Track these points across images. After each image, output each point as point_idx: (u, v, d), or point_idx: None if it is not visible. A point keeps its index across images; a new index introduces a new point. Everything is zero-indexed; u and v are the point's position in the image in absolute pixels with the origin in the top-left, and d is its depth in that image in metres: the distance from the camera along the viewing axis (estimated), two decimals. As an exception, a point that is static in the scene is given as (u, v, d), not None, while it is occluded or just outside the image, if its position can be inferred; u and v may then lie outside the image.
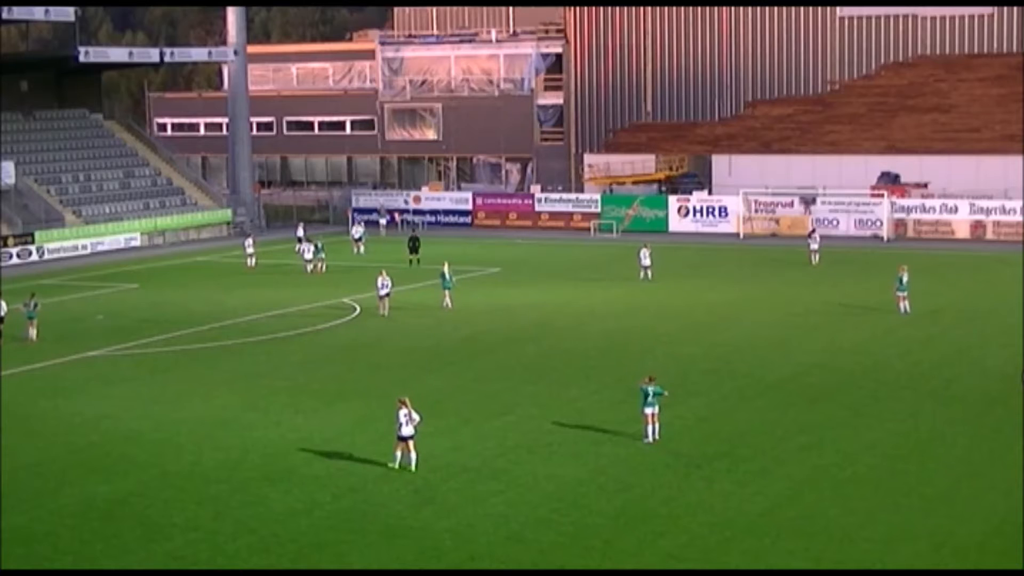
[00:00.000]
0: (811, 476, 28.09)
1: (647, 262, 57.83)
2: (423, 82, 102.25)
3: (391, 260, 62.01)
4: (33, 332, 45.46)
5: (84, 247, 73.90)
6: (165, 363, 41.60)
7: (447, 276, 51.74)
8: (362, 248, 69.58)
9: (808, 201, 75.54)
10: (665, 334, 45.09)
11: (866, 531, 24.54)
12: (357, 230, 71.63)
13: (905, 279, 48.04)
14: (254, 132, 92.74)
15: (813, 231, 65.97)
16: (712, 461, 29.23)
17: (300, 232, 70.40)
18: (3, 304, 45.40)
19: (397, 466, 28.82)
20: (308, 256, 62.82)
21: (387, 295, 49.70)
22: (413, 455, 28.84)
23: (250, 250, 65.08)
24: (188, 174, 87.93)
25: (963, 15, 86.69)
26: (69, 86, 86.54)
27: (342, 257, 66.52)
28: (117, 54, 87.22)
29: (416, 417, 28.95)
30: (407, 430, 28.84)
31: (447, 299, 51.22)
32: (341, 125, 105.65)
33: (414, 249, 63.33)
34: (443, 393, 36.42)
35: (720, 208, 77.88)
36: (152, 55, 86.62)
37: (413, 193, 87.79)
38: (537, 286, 57.10)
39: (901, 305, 47.75)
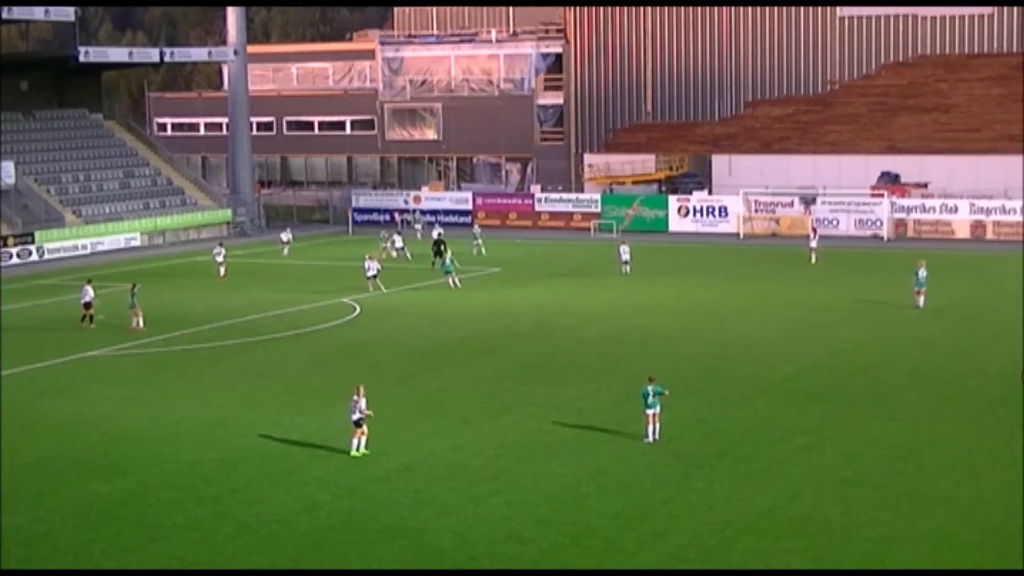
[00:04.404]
0: (811, 476, 28.09)
1: (626, 257, 59.16)
2: (423, 82, 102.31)
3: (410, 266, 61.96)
4: (135, 320, 47.00)
5: (84, 247, 73.91)
6: (165, 363, 41.60)
7: (447, 263, 56.90)
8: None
9: (808, 201, 75.56)
10: (665, 334, 45.08)
11: (866, 531, 24.53)
12: (399, 239, 69.12)
13: (922, 274, 48.76)
14: (254, 132, 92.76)
15: (814, 229, 66.10)
16: (712, 461, 29.23)
17: (286, 237, 70.26)
18: (90, 289, 48.04)
19: (358, 453, 29.84)
20: (399, 244, 67.16)
21: (374, 276, 55.15)
22: (357, 441, 29.99)
23: (220, 259, 61.38)
24: (188, 174, 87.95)
25: (963, 15, 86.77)
26: (69, 86, 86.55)
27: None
28: (117, 54, 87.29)
29: (363, 406, 29.95)
30: (355, 416, 29.96)
31: (450, 281, 55.78)
32: (341, 125, 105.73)
33: (438, 252, 62.53)
34: (443, 393, 36.43)
35: (720, 208, 77.89)
36: (152, 55, 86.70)
37: (413, 193, 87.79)
38: (537, 286, 57.10)
39: (918, 300, 48.56)
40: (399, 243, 67.17)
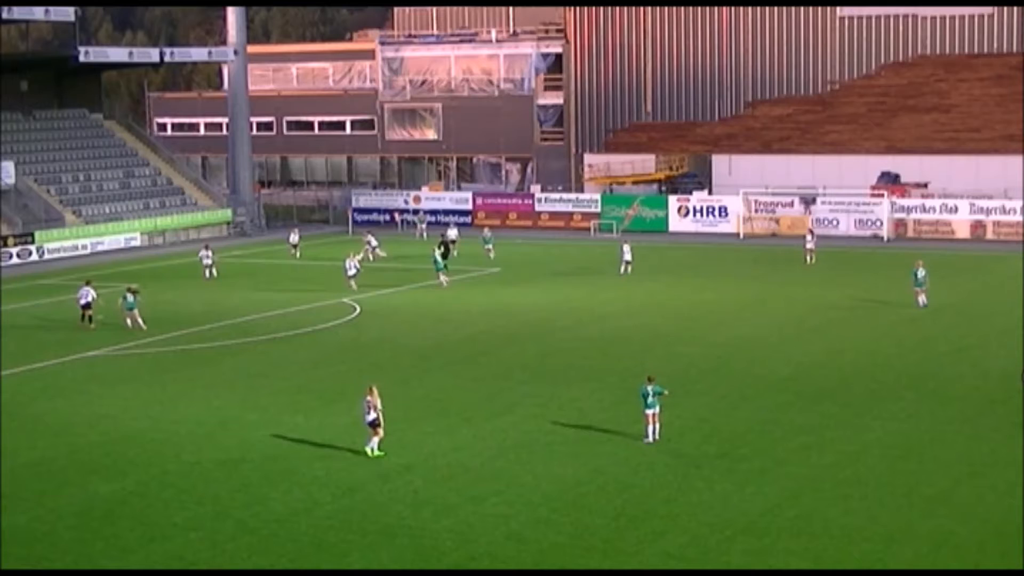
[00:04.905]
0: (811, 476, 28.09)
1: (628, 257, 59.32)
2: (423, 82, 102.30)
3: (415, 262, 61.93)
4: (131, 322, 46.99)
5: (84, 247, 73.92)
6: (165, 363, 41.60)
7: (438, 260, 56.96)
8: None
9: (808, 201, 75.54)
10: (665, 334, 45.08)
11: (866, 531, 24.54)
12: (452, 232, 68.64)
13: (921, 274, 49.04)
14: (254, 132, 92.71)
15: (811, 231, 66.06)
16: (712, 461, 29.23)
17: (294, 238, 69.90)
18: (91, 290, 48.18)
19: (374, 454, 29.76)
20: (374, 243, 66.34)
21: (353, 275, 55.61)
22: (374, 441, 29.94)
23: (207, 261, 60.96)
24: (188, 174, 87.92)
25: (963, 15, 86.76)
26: (69, 86, 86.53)
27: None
28: (117, 54, 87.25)
29: (378, 406, 29.89)
30: (369, 417, 29.89)
31: (442, 279, 56.10)
32: (341, 125, 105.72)
33: (445, 254, 62.35)
34: (443, 393, 36.43)
35: (720, 208, 77.88)
36: (152, 55, 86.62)
37: (413, 193, 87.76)
38: (537, 286, 57.10)
39: (919, 299, 48.77)
40: (374, 242, 66.56)
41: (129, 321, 47.11)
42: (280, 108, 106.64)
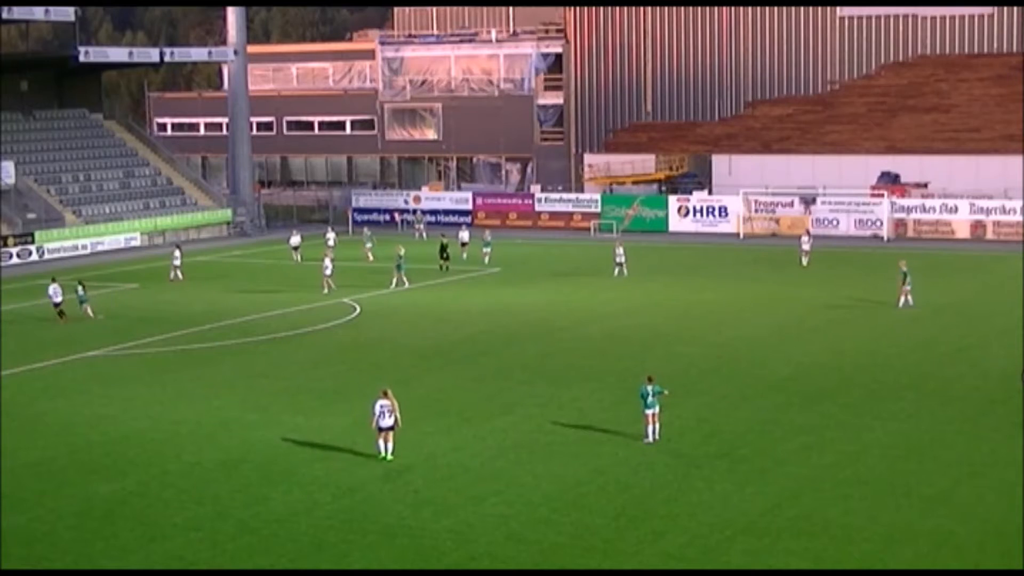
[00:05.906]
0: (811, 476, 28.09)
1: (621, 259, 59.14)
2: (423, 82, 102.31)
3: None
4: (89, 311, 49.71)
5: (84, 247, 73.92)
6: (165, 363, 41.61)
7: (402, 259, 57.49)
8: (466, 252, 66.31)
9: (808, 201, 75.55)
10: (665, 334, 45.09)
11: (866, 531, 24.54)
12: (464, 234, 68.44)
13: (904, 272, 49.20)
14: (254, 132, 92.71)
15: (807, 231, 66.01)
16: (712, 461, 29.23)
17: (295, 240, 69.63)
18: (60, 289, 50.02)
19: (386, 455, 29.46)
20: (369, 245, 67.08)
21: (329, 275, 55.85)
22: (391, 445, 29.55)
23: (176, 262, 60.65)
24: (188, 174, 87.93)
25: (963, 15, 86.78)
26: (69, 86, 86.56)
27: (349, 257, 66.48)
28: (117, 54, 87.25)
29: (396, 409, 29.54)
30: (387, 421, 29.40)
31: (399, 279, 56.75)
32: (341, 125, 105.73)
33: (444, 256, 62.43)
34: (443, 393, 36.43)
35: (720, 208, 77.88)
36: (152, 55, 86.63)
37: (413, 193, 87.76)
38: (537, 286, 57.10)
39: (908, 299, 48.67)
40: (331, 241, 66.60)
41: (89, 311, 49.32)
42: (280, 108, 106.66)
